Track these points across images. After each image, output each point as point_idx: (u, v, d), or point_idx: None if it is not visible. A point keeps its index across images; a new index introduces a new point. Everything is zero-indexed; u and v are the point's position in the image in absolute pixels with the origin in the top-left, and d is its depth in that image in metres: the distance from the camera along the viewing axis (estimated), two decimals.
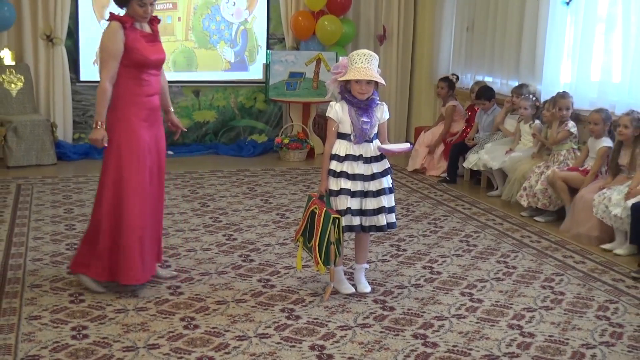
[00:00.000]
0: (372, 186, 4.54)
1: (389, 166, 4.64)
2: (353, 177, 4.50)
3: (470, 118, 8.40)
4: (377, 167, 4.56)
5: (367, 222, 4.57)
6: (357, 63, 4.44)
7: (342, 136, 4.55)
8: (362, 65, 4.43)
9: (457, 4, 9.23)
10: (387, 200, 4.58)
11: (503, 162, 7.22)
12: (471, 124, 8.26)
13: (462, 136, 8.29)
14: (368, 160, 4.54)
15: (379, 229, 4.63)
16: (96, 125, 4.41)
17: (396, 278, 5.01)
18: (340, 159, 4.52)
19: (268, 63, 9.23)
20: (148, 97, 4.54)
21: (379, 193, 4.54)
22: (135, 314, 4.26)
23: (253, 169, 8.40)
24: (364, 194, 4.53)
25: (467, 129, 8.32)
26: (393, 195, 4.64)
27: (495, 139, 7.74)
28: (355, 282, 4.73)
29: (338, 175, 4.51)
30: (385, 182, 4.58)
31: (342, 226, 4.46)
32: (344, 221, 4.49)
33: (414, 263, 5.33)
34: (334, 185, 4.53)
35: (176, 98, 9.37)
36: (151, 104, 4.57)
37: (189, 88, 9.41)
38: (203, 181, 7.73)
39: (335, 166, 4.53)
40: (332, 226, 4.40)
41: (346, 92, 4.53)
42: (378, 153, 4.56)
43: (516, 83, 7.85)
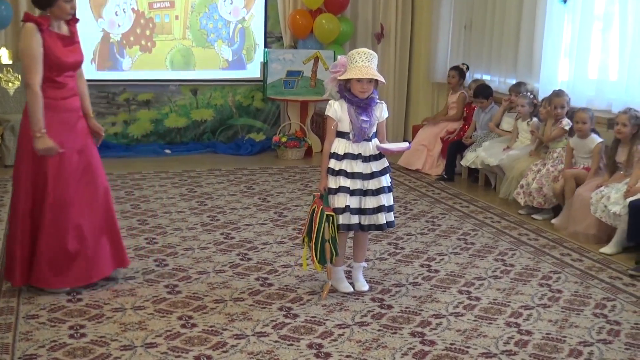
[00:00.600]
0: (371, 185, 4.54)
1: (388, 165, 4.64)
2: (352, 176, 4.50)
3: (468, 116, 8.40)
4: (376, 166, 4.56)
5: (366, 221, 4.57)
6: (358, 62, 4.44)
7: (341, 135, 4.55)
8: (363, 64, 4.43)
9: (455, 2, 9.22)
10: (386, 199, 4.58)
11: (501, 160, 7.22)
12: (469, 122, 8.27)
13: (460, 134, 8.30)
14: (367, 159, 4.54)
15: (379, 228, 4.63)
16: (37, 134, 4.26)
17: (394, 276, 5.01)
18: (339, 158, 4.52)
19: (266, 61, 9.22)
20: (65, 100, 4.43)
21: (378, 192, 4.54)
22: (132, 313, 4.26)
23: (251, 168, 8.40)
24: (363, 193, 4.53)
25: (465, 127, 8.32)
26: (392, 193, 4.65)
27: (492, 137, 7.74)
28: (353, 281, 4.74)
29: (337, 173, 4.51)
30: (384, 181, 4.58)
31: (338, 224, 4.47)
32: (343, 220, 4.49)
33: (412, 261, 5.33)
34: (333, 183, 4.53)
35: (174, 97, 9.38)
36: (70, 106, 4.46)
37: (187, 87, 9.41)
38: (201, 180, 7.73)
39: (334, 164, 4.53)
40: (327, 224, 4.41)
41: (346, 91, 4.53)
42: (377, 152, 4.57)
43: (514, 81, 7.85)
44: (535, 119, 7.18)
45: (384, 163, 4.61)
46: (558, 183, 6.36)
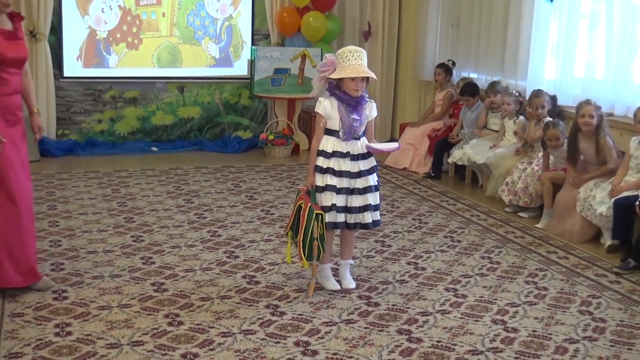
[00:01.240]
0: (359, 183, 4.54)
1: (376, 164, 4.65)
2: (339, 174, 4.50)
3: (454, 114, 8.42)
4: (364, 165, 4.57)
5: (353, 220, 4.57)
6: (350, 60, 4.43)
7: (330, 132, 4.55)
8: (356, 62, 4.43)
9: (442, 1, 9.23)
10: (373, 198, 4.59)
11: (487, 158, 7.24)
12: (456, 120, 8.29)
13: (446, 132, 8.32)
14: (355, 157, 4.55)
15: (364, 227, 4.64)
16: None
17: (381, 274, 5.01)
18: (327, 155, 4.52)
19: (253, 59, 9.21)
20: (7, 96, 4.37)
21: (365, 191, 4.55)
22: (119, 311, 4.25)
23: (238, 166, 8.39)
24: (350, 191, 4.54)
25: (452, 125, 8.34)
26: (379, 192, 4.66)
27: (479, 136, 7.77)
28: (340, 278, 4.74)
29: (324, 171, 4.51)
30: (371, 180, 4.59)
31: (326, 222, 4.47)
32: (329, 218, 4.49)
33: (399, 259, 5.34)
34: (320, 181, 4.53)
35: (161, 94, 9.34)
36: (10, 103, 4.41)
37: (174, 84, 9.38)
38: (188, 177, 7.71)
39: (322, 162, 4.53)
40: (316, 222, 4.41)
41: (337, 89, 4.52)
42: (365, 150, 4.57)
43: (501, 79, 7.88)
44: (521, 118, 7.20)
45: (372, 162, 4.62)
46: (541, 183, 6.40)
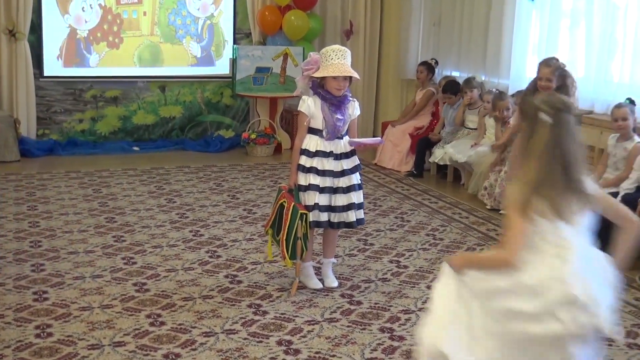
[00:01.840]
0: (342, 182, 4.55)
1: (359, 163, 4.65)
2: (323, 173, 4.50)
3: (436, 112, 8.45)
4: (347, 164, 4.57)
5: (336, 219, 4.57)
6: (333, 59, 4.43)
7: (313, 131, 4.54)
8: (339, 61, 4.43)
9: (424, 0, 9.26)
10: (357, 196, 4.60)
11: (469, 156, 7.26)
12: (437, 118, 8.31)
13: (427, 131, 8.34)
14: (338, 156, 4.55)
15: (348, 226, 4.65)
16: None
17: (363, 272, 5.02)
18: (310, 155, 4.52)
19: (235, 58, 9.19)
20: None
21: (349, 189, 4.56)
22: (100, 312, 4.22)
23: (220, 165, 8.37)
24: (334, 190, 4.54)
25: (434, 122, 8.37)
26: (362, 191, 4.66)
27: (460, 134, 7.79)
28: (322, 277, 4.74)
29: (307, 170, 4.51)
30: (354, 179, 4.59)
31: (310, 222, 4.47)
32: (312, 217, 4.49)
33: (381, 257, 5.35)
34: (303, 180, 4.52)
35: (142, 93, 9.30)
36: None
37: (155, 83, 9.34)
38: (169, 177, 7.69)
39: (304, 161, 4.53)
40: (300, 221, 4.41)
41: (320, 88, 4.52)
42: (348, 149, 4.57)
43: (484, 77, 7.92)
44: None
45: (355, 161, 4.62)
46: None
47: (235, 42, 9.47)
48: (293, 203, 4.48)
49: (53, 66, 8.85)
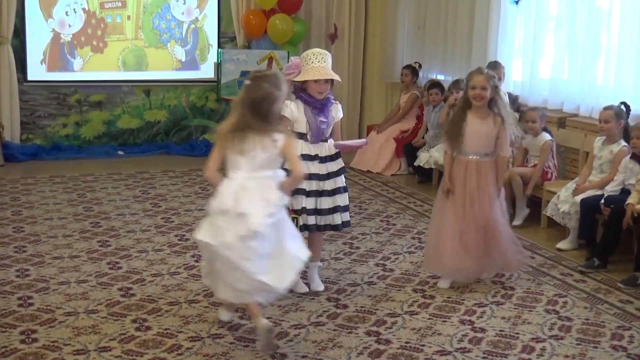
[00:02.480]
0: (327, 185, 4.55)
1: (344, 165, 4.66)
2: (308, 177, 4.50)
3: (421, 115, 8.47)
4: (332, 167, 4.58)
5: (322, 221, 4.58)
6: (314, 62, 4.44)
7: (298, 136, 4.54)
8: (320, 64, 4.44)
9: (409, 3, 9.26)
10: (342, 199, 4.61)
11: None
12: (422, 121, 8.33)
13: (412, 135, 8.35)
14: (323, 159, 4.56)
15: (334, 228, 4.66)
16: None
17: (349, 276, 5.02)
18: None
19: (219, 62, 9.17)
20: None
21: (334, 192, 4.57)
22: (85, 317, 4.20)
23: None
24: (319, 194, 4.54)
25: (419, 125, 8.38)
26: (347, 193, 4.67)
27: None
28: (308, 281, 4.74)
29: None
30: (339, 182, 4.60)
31: (300, 225, 4.47)
32: (300, 220, 4.49)
33: (367, 261, 5.35)
34: None
35: (127, 97, 9.27)
36: None
37: (140, 87, 9.31)
38: (154, 181, 7.66)
39: None
40: None
41: (302, 92, 4.53)
42: (333, 152, 4.58)
43: None
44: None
45: (340, 164, 4.63)
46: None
47: (219, 46, 9.46)
48: None
49: (37, 70, 8.80)
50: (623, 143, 5.65)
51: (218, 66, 9.24)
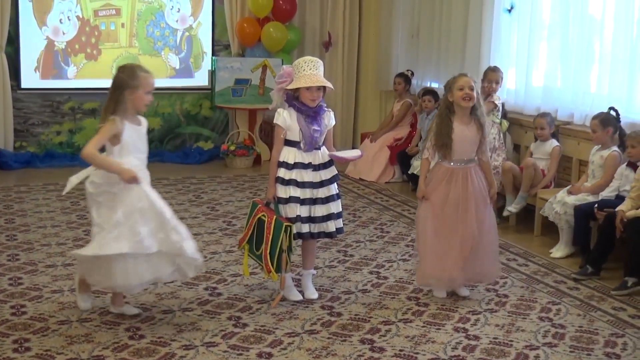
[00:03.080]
0: (321, 193, 4.56)
1: (337, 173, 4.67)
2: (302, 185, 4.51)
3: (415, 123, 8.48)
4: (326, 174, 4.59)
5: (316, 229, 4.58)
6: (306, 70, 4.45)
7: (291, 144, 4.55)
8: (311, 72, 4.45)
9: (403, 11, 9.28)
10: (335, 206, 4.61)
11: None
12: (415, 129, 8.34)
13: (406, 143, 8.36)
14: (317, 167, 4.56)
15: (328, 235, 4.66)
16: None
17: (343, 284, 5.02)
18: (288, 167, 4.53)
19: (214, 69, 9.18)
20: None
21: (328, 200, 4.57)
22: (79, 325, 4.19)
23: (199, 177, 8.35)
24: (313, 201, 4.54)
25: (412, 133, 8.39)
26: (340, 201, 4.67)
27: None
28: (302, 289, 4.74)
29: (287, 183, 4.51)
30: (333, 189, 4.61)
31: (293, 234, 4.47)
32: (294, 228, 4.49)
33: (361, 268, 5.35)
34: (283, 193, 4.52)
35: None
36: None
37: None
38: None
39: (283, 174, 4.53)
40: (284, 234, 4.40)
41: (294, 100, 4.53)
42: (326, 160, 4.59)
43: None
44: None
45: (333, 171, 4.64)
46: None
47: (214, 54, 9.47)
48: (275, 216, 4.47)
49: (30, 78, 8.79)
50: (614, 148, 5.67)
51: (212, 74, 9.24)
